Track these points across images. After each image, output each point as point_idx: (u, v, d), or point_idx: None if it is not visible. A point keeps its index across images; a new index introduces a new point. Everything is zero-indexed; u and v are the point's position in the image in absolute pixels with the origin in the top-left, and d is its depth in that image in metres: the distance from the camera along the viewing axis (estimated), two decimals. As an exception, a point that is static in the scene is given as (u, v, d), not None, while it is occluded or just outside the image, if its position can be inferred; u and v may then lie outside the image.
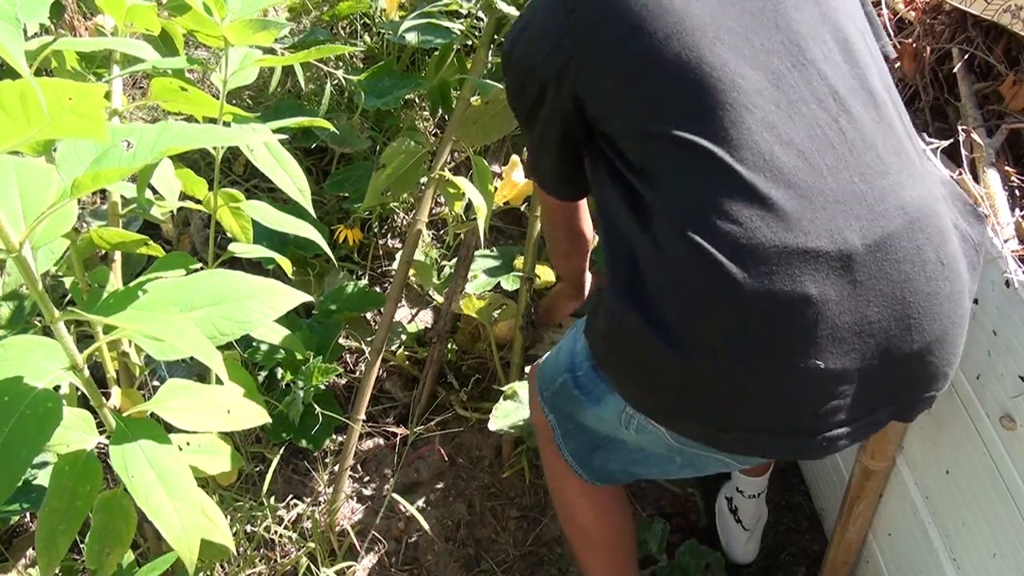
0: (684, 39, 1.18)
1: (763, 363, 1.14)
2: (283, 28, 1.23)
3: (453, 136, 1.96)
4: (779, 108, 1.17)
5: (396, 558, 2.00)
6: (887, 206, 1.16)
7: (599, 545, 1.65)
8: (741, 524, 1.99)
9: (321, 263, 2.38)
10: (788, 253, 1.11)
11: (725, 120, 1.16)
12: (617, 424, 1.42)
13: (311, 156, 2.70)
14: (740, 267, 1.12)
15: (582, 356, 1.45)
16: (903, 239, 1.15)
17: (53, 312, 0.93)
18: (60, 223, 0.98)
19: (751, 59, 1.19)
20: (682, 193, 1.17)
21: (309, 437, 2.11)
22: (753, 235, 1.12)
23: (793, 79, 1.19)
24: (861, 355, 1.15)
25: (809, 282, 1.11)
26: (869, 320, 1.14)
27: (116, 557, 1.11)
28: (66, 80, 0.70)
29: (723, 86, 1.17)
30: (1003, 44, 1.66)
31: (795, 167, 1.15)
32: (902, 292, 1.15)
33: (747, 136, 1.15)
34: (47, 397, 0.93)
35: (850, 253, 1.12)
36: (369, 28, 2.93)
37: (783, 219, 1.12)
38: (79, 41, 1.32)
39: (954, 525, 1.51)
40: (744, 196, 1.13)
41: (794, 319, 1.12)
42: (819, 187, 1.14)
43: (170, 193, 1.36)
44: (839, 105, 1.19)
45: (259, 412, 1.23)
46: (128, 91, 2.98)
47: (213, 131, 0.89)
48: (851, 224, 1.13)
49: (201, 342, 0.89)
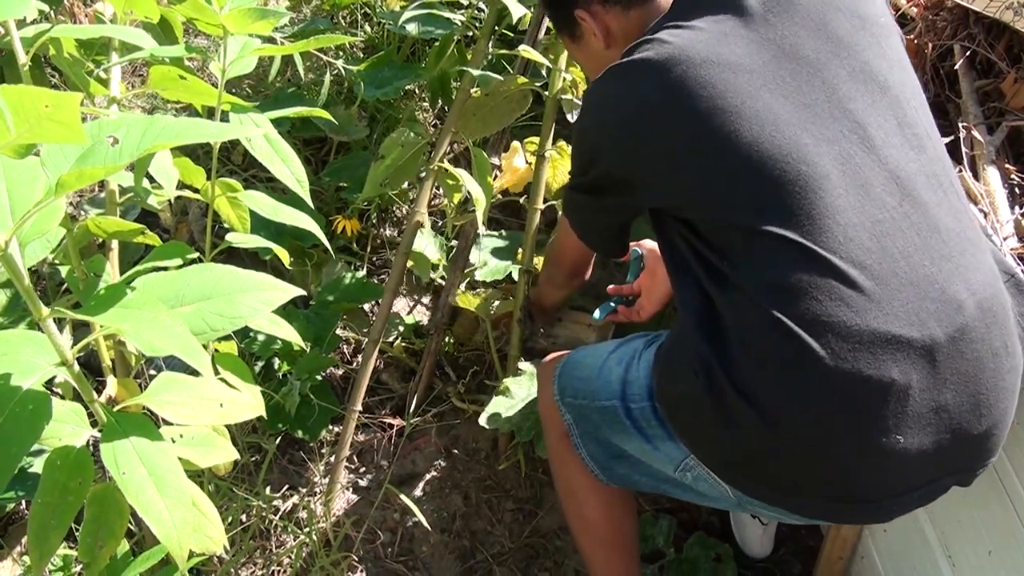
0: (744, 136, 1.19)
1: (844, 439, 1.18)
2: (282, 17, 1.23)
3: (452, 127, 1.95)
4: (848, 193, 1.19)
5: (392, 549, 2.00)
6: (957, 289, 1.19)
7: (606, 542, 1.65)
8: (759, 519, 1.99)
9: (319, 252, 2.37)
10: (872, 335, 1.15)
11: (796, 206, 1.18)
12: (668, 466, 1.41)
13: (310, 146, 2.69)
14: (823, 346, 1.15)
15: (639, 389, 1.43)
16: (977, 327, 1.19)
17: (41, 309, 0.93)
18: (48, 219, 0.97)
19: (814, 147, 1.20)
20: (762, 274, 1.20)
21: (305, 428, 2.11)
22: (835, 314, 1.15)
23: (857, 162, 1.21)
24: (936, 434, 1.18)
25: (893, 366, 1.15)
26: (946, 403, 1.17)
27: (109, 550, 1.11)
28: (42, 89, 0.70)
29: (789, 175, 1.18)
30: (1004, 41, 1.65)
31: (868, 250, 1.17)
32: (975, 378, 1.19)
33: (819, 220, 1.17)
34: (37, 394, 0.92)
35: (934, 344, 1.16)
36: (370, 18, 2.92)
37: (864, 301, 1.15)
38: (76, 28, 1.31)
39: (950, 522, 1.51)
40: (823, 277, 1.16)
41: (878, 400, 1.15)
42: (893, 270, 1.17)
43: (168, 182, 1.35)
44: (902, 190, 1.21)
45: (253, 405, 1.23)
46: (127, 78, 2.97)
47: (201, 126, 0.87)
48: (927, 307, 1.17)
49: (188, 342, 0.88)
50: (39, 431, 0.91)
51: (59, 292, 2.12)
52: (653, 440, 1.41)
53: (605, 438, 1.52)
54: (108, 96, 1.41)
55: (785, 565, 2.02)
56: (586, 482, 1.61)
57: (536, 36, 2.01)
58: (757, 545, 2.01)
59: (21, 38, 1.25)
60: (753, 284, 1.20)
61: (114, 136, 0.84)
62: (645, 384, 1.41)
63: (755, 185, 1.20)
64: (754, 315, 1.19)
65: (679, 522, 2.03)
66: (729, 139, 1.20)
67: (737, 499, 1.34)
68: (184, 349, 0.88)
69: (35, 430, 0.91)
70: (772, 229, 1.18)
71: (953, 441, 1.19)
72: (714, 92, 1.20)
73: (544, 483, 2.13)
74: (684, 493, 1.50)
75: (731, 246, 1.23)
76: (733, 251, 1.23)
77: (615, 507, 1.64)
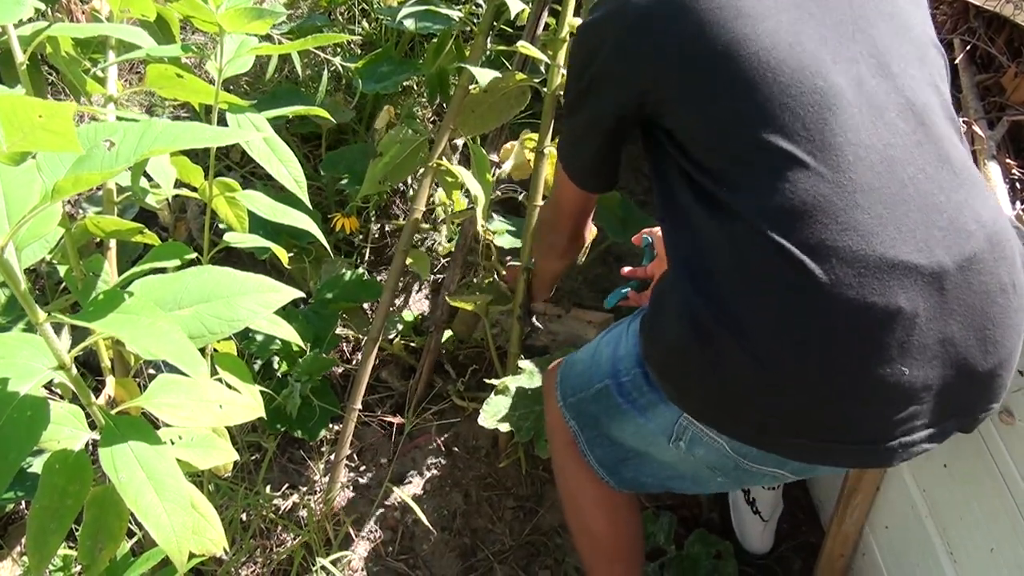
0: (761, 42, 1.18)
1: (846, 370, 1.13)
2: (279, 16, 1.22)
3: (451, 124, 1.95)
4: (861, 112, 1.17)
5: (392, 548, 1.99)
6: (966, 220, 1.16)
7: (610, 555, 1.63)
8: (759, 515, 1.98)
9: (318, 248, 2.36)
10: (879, 261, 1.11)
11: (807, 121, 1.15)
12: (662, 438, 1.37)
13: (308, 142, 2.69)
14: (827, 271, 1.11)
15: (628, 361, 1.40)
16: (986, 259, 1.16)
17: (38, 313, 0.92)
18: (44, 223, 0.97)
19: (832, 65, 1.18)
20: (763, 196, 1.16)
21: (305, 427, 2.10)
22: (840, 239, 1.12)
23: (873, 86, 1.19)
24: (942, 368, 1.15)
25: (900, 293, 1.11)
26: (952, 334, 1.14)
27: (108, 552, 1.10)
28: (35, 99, 0.70)
29: (804, 88, 1.16)
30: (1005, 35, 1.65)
31: (878, 172, 1.14)
32: (982, 311, 1.16)
33: (830, 138, 1.15)
34: (34, 400, 0.92)
35: (943, 272, 1.13)
36: (367, 14, 2.91)
37: (870, 224, 1.12)
38: (73, 27, 1.31)
39: (952, 519, 1.51)
40: (827, 199, 1.13)
41: (883, 328, 1.11)
42: (901, 195, 1.14)
43: (165, 181, 1.35)
44: (916, 118, 1.19)
45: (252, 406, 1.22)
46: (125, 76, 2.96)
47: (198, 130, 0.87)
48: (935, 234, 1.13)
49: (185, 348, 0.88)
50: (37, 437, 0.91)
51: (57, 291, 2.11)
52: (645, 412, 1.38)
53: (607, 434, 1.50)
54: (105, 94, 1.40)
55: (786, 562, 2.02)
56: (593, 492, 1.58)
57: (534, 32, 2.00)
58: (758, 541, 2.01)
59: (18, 37, 1.24)
60: (753, 207, 1.15)
61: (110, 140, 0.83)
62: (634, 353, 1.38)
63: (766, 92, 1.17)
64: (752, 242, 1.15)
65: (680, 519, 2.03)
66: (746, 41, 1.18)
67: (734, 458, 1.31)
68: (180, 355, 0.87)
69: (33, 436, 0.91)
70: (778, 143, 1.15)
71: (958, 377, 1.16)
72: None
73: (545, 480, 2.13)
74: (685, 484, 1.49)
75: (730, 167, 1.20)
76: (732, 172, 1.19)
77: (620, 520, 1.61)
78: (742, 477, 1.37)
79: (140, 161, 1.23)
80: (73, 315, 0.92)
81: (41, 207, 0.80)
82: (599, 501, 1.59)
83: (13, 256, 0.89)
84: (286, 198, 1.41)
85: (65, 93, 2.69)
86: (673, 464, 1.44)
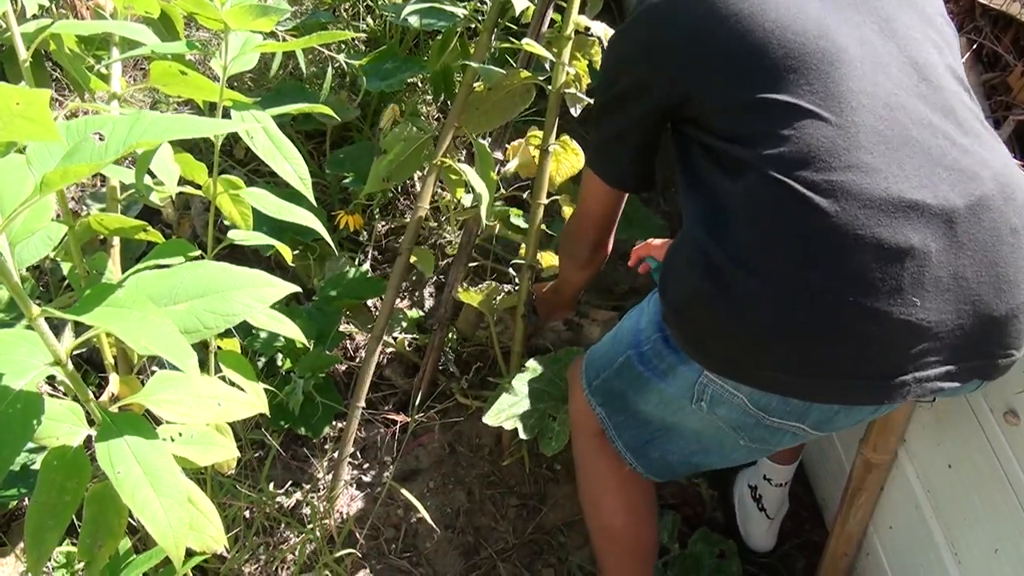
0: (768, 14, 1.26)
1: (859, 304, 1.15)
2: (284, 13, 1.22)
3: (455, 122, 1.94)
4: (864, 66, 1.23)
5: (395, 545, 1.99)
6: (971, 163, 1.20)
7: (626, 551, 1.65)
8: (765, 512, 1.98)
9: (323, 246, 2.36)
10: (887, 199, 1.15)
11: (812, 75, 1.22)
12: (684, 402, 1.40)
13: (312, 139, 2.68)
14: (838, 210, 1.15)
15: (649, 330, 1.43)
16: (995, 198, 1.19)
17: (32, 309, 0.92)
18: (37, 217, 0.97)
19: (836, 28, 1.25)
20: (774, 145, 1.21)
21: (309, 425, 2.10)
22: (848, 179, 1.16)
23: (877, 44, 1.26)
24: (956, 309, 1.17)
25: (912, 233, 1.14)
26: (966, 277, 1.17)
27: (108, 550, 1.10)
28: (12, 86, 0.70)
29: (808, 47, 1.23)
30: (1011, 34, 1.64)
31: (882, 117, 1.20)
32: (994, 254, 1.18)
33: (834, 87, 1.21)
34: (28, 395, 0.92)
35: (953, 210, 1.16)
36: (372, 10, 2.91)
37: (877, 163, 1.17)
38: (77, 24, 1.30)
39: (956, 520, 1.51)
40: (832, 140, 1.18)
41: (895, 265, 1.14)
42: (905, 138, 1.19)
43: (169, 178, 1.34)
44: (919, 73, 1.26)
45: (252, 403, 1.22)
46: (129, 72, 2.96)
47: (189, 121, 0.86)
48: (940, 174, 1.17)
49: (177, 343, 0.87)
50: (30, 432, 0.91)
51: (61, 288, 2.11)
52: (666, 376, 1.40)
53: (634, 411, 1.51)
54: (109, 91, 1.40)
55: (789, 561, 2.02)
56: (615, 483, 1.60)
57: (539, 30, 1.99)
58: (761, 539, 2.01)
59: (22, 33, 1.24)
60: (762, 155, 1.21)
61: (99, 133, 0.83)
62: (655, 320, 1.41)
63: (774, 58, 1.24)
64: (762, 186, 1.20)
65: (683, 518, 2.03)
66: (754, 17, 1.25)
67: (756, 413, 1.32)
68: (171, 348, 0.87)
69: (27, 431, 0.91)
70: (784, 98, 1.21)
71: (975, 315, 1.18)
72: None
73: (548, 479, 2.13)
74: (709, 457, 1.51)
75: (745, 127, 1.25)
76: (747, 130, 1.25)
77: (639, 518, 1.64)
78: (765, 437, 1.38)
79: (144, 159, 1.24)
80: (64, 309, 0.92)
81: (32, 200, 0.80)
82: (620, 497, 1.61)
83: (6, 250, 0.89)
84: (291, 195, 1.41)
85: (69, 90, 2.70)
86: (698, 433, 1.46)
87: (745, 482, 2.04)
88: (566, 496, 2.09)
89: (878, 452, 1.62)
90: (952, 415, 1.48)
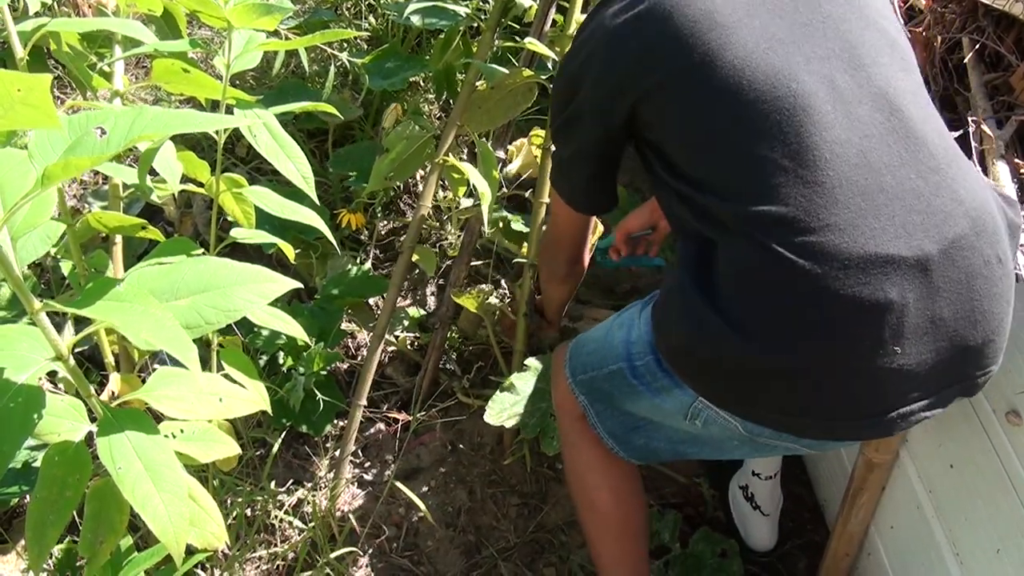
0: (736, 51, 1.23)
1: (845, 360, 1.19)
2: (287, 12, 1.22)
3: (458, 121, 1.94)
4: (835, 110, 1.21)
5: (396, 544, 1.99)
6: (944, 201, 1.20)
7: (614, 529, 1.66)
8: (760, 510, 1.99)
9: (325, 244, 2.36)
10: (864, 257, 1.15)
11: (783, 125, 1.20)
12: (678, 416, 1.43)
13: (314, 138, 2.68)
14: (819, 273, 1.16)
15: (641, 347, 1.45)
16: (967, 236, 1.20)
17: (33, 303, 0.92)
18: (39, 212, 0.97)
19: (804, 66, 1.23)
20: (748, 202, 1.21)
21: (310, 422, 2.11)
22: (822, 237, 1.16)
23: (845, 82, 1.23)
24: (935, 348, 1.19)
25: (890, 286, 1.15)
26: (943, 317, 1.18)
27: (109, 545, 1.10)
28: (13, 72, 0.69)
29: (778, 92, 1.21)
30: (1014, 34, 1.64)
31: (855, 165, 1.18)
32: (968, 290, 1.19)
33: (806, 138, 1.19)
34: (29, 389, 0.92)
35: (927, 258, 1.17)
36: (374, 9, 2.91)
37: (851, 218, 1.17)
38: (77, 22, 1.31)
39: (957, 520, 1.51)
40: (809, 199, 1.17)
41: (875, 318, 1.16)
42: (879, 184, 1.18)
43: (171, 176, 1.34)
44: (890, 105, 1.23)
45: (253, 399, 1.22)
46: (132, 70, 2.96)
47: (190, 116, 0.86)
48: (913, 219, 1.17)
49: (178, 336, 0.87)
50: (30, 427, 0.91)
51: (63, 286, 2.11)
52: (660, 394, 1.43)
53: (619, 407, 1.54)
54: (111, 89, 1.40)
55: (790, 560, 2.02)
56: (597, 462, 1.63)
57: (542, 28, 1.99)
58: (761, 538, 2.00)
59: (19, 32, 1.24)
60: (740, 214, 1.21)
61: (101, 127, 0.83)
62: (647, 340, 1.42)
63: (743, 100, 1.22)
64: (744, 247, 1.21)
65: (685, 517, 2.03)
66: (722, 52, 1.23)
67: (749, 435, 1.36)
68: (172, 342, 0.86)
69: (27, 425, 0.91)
70: (758, 150, 1.20)
71: (952, 350, 1.20)
72: (712, 7, 1.25)
73: (549, 478, 2.13)
74: (701, 449, 1.53)
75: (715, 176, 1.25)
76: (717, 181, 1.25)
77: (624, 491, 1.65)
78: (759, 448, 1.43)
79: (147, 156, 1.24)
80: (67, 303, 0.92)
81: (34, 193, 0.80)
82: (603, 474, 1.63)
83: (8, 244, 0.89)
84: (293, 194, 1.41)
85: (72, 88, 2.70)
86: (687, 434, 1.49)
87: (735, 484, 2.05)
88: (568, 495, 2.09)
89: (880, 452, 1.62)
90: (954, 416, 1.48)
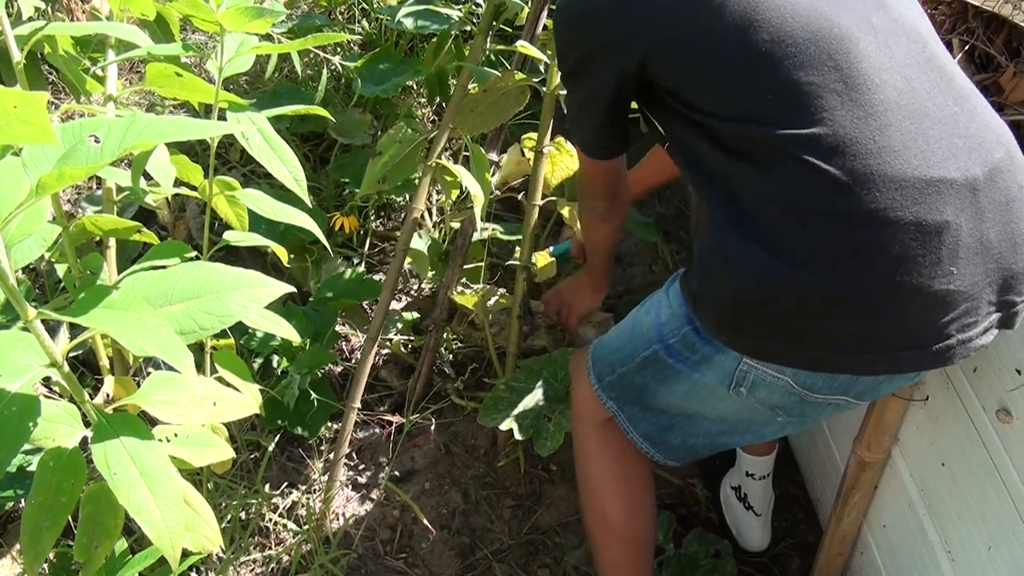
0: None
1: (906, 283, 1.19)
2: (279, 16, 1.22)
3: (450, 124, 1.95)
4: (876, 40, 1.24)
5: (391, 546, 2.00)
6: (979, 127, 1.24)
7: (624, 541, 1.65)
8: (752, 510, 1.99)
9: (319, 249, 2.37)
10: (915, 179, 1.18)
11: (832, 53, 1.22)
12: (721, 389, 1.40)
13: (308, 142, 2.69)
14: (877, 195, 1.17)
15: (674, 323, 1.42)
16: (1006, 163, 1.24)
17: (27, 310, 0.92)
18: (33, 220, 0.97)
19: (836, 9, 1.25)
20: (803, 127, 1.21)
21: (304, 424, 2.11)
22: (877, 161, 1.18)
23: (879, 19, 1.27)
24: (984, 270, 1.22)
25: (946, 207, 1.18)
26: (990, 239, 1.22)
27: (104, 550, 1.10)
28: (9, 89, 0.70)
29: (820, 24, 1.23)
30: (1003, 35, 1.65)
31: (901, 90, 1.22)
32: (1008, 214, 1.23)
33: (856, 64, 1.22)
34: (24, 397, 0.92)
35: (975, 180, 1.20)
36: (367, 13, 2.91)
37: (902, 141, 1.19)
38: (71, 26, 1.31)
39: (949, 518, 1.51)
40: (864, 122, 1.19)
41: (934, 241, 1.18)
42: (923, 109, 1.21)
43: (165, 180, 1.35)
44: (921, 39, 1.28)
45: (247, 403, 1.22)
46: (125, 75, 2.97)
47: (183, 123, 0.87)
48: (956, 143, 1.21)
49: (173, 343, 0.88)
50: (26, 434, 0.91)
51: (57, 290, 2.11)
52: (699, 367, 1.40)
53: (652, 405, 1.52)
54: (105, 93, 1.41)
55: (784, 560, 2.02)
56: (614, 475, 1.61)
57: (534, 31, 2.00)
58: (754, 538, 2.00)
59: (16, 36, 1.24)
60: (797, 142, 1.20)
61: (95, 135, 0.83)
62: (680, 313, 1.40)
63: (788, 31, 1.22)
64: (796, 173, 1.20)
65: (678, 518, 2.03)
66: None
67: (799, 395, 1.34)
68: (167, 349, 0.87)
69: (23, 433, 0.91)
70: (809, 77, 1.21)
71: (999, 273, 1.23)
72: None
73: (543, 479, 2.13)
74: (740, 436, 1.53)
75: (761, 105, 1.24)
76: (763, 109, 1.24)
77: (638, 505, 1.64)
78: (805, 412, 1.40)
79: (140, 160, 1.24)
80: (61, 311, 0.92)
81: (27, 203, 0.80)
82: (621, 487, 1.62)
83: (2, 252, 0.89)
84: (287, 197, 1.41)
85: (65, 92, 2.70)
86: (727, 416, 1.47)
87: (727, 485, 2.05)
88: (561, 496, 2.10)
89: (872, 451, 1.63)
90: (945, 413, 1.48)
